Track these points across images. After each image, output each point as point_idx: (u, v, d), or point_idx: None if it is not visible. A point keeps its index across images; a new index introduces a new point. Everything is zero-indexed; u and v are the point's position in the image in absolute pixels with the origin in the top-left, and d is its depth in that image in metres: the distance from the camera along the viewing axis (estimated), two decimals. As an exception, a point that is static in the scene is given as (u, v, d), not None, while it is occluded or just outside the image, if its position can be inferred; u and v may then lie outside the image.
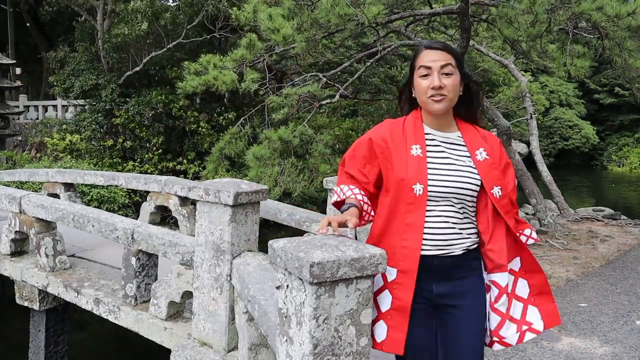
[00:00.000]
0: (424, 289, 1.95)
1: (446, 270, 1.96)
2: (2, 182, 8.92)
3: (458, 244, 1.97)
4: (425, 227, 1.93)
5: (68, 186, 7.90)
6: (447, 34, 10.55)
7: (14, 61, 19.60)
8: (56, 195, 7.74)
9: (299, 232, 4.74)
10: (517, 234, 2.04)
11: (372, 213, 2.06)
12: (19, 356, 6.02)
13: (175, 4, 15.54)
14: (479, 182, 1.97)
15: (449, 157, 1.99)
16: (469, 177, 1.96)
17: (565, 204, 10.41)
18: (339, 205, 2.08)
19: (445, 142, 2.02)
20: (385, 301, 1.96)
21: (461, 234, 1.97)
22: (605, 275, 6.17)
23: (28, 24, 23.08)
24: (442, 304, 1.98)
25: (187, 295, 3.90)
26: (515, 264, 2.03)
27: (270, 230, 10.03)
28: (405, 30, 9.08)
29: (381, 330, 1.96)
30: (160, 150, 14.63)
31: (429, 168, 1.95)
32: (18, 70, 22.05)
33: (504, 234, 1.99)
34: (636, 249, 7.46)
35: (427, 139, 2.01)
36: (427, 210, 1.93)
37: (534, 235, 2.14)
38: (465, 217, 1.99)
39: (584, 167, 32.89)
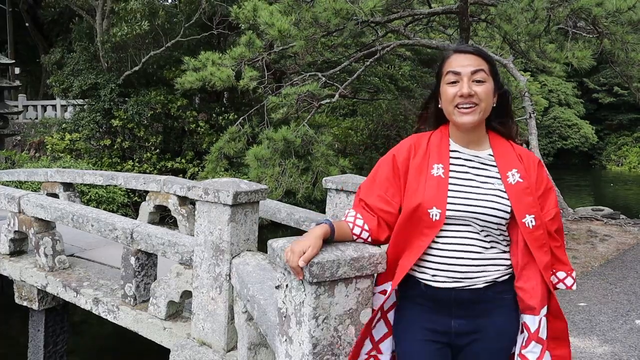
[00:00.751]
0: (441, 326, 1.75)
1: (466, 305, 1.73)
2: (1, 181, 8.91)
3: (479, 276, 1.73)
4: (440, 257, 1.73)
5: (67, 186, 7.89)
6: (446, 33, 10.56)
7: (13, 61, 19.56)
8: (55, 195, 7.73)
9: (298, 232, 4.73)
10: (550, 274, 1.77)
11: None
12: (18, 356, 6.02)
13: (172, 2, 15.54)
14: (508, 209, 1.71)
15: (474, 180, 1.75)
16: (495, 203, 1.71)
17: (565, 204, 10.41)
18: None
19: (471, 161, 1.78)
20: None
21: (484, 265, 1.73)
22: (605, 274, 6.17)
23: (27, 24, 23.05)
24: (462, 344, 1.76)
25: (187, 294, 3.90)
26: (545, 311, 1.75)
27: (269, 229, 10.03)
28: (404, 30, 9.08)
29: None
30: (158, 150, 14.63)
31: (450, 190, 1.73)
32: (17, 70, 22.02)
33: (538, 271, 1.71)
34: (635, 249, 7.46)
35: (452, 157, 1.79)
36: (443, 237, 1.73)
37: (569, 282, 1.83)
38: (492, 247, 1.75)
39: (582, 166, 32.89)
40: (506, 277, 1.76)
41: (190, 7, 14.87)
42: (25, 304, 5.28)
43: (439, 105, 1.82)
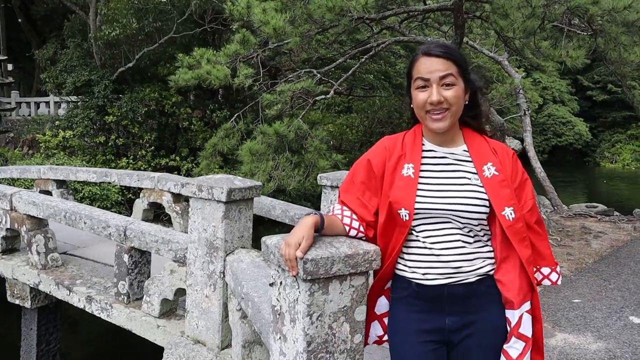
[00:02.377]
0: (435, 324, 1.76)
1: (460, 300, 1.74)
2: (-7, 179, 8.85)
3: (470, 270, 1.74)
4: (428, 255, 1.75)
5: (60, 183, 7.85)
6: (441, 30, 10.55)
7: (6, 57, 19.44)
8: (48, 193, 7.68)
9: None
10: (533, 270, 1.78)
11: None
12: (11, 355, 5.98)
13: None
14: (487, 203, 1.72)
15: (450, 177, 1.76)
16: (473, 198, 1.72)
17: (559, 200, 10.44)
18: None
19: (446, 159, 1.79)
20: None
21: (472, 259, 1.75)
22: (599, 271, 6.19)
23: (20, 20, 22.89)
24: (455, 341, 1.76)
25: (180, 292, 3.87)
26: (528, 306, 1.76)
27: (264, 227, 10.02)
28: (399, 27, 9.06)
29: None
30: (153, 147, 14.56)
31: (424, 190, 1.74)
32: (10, 67, 21.86)
33: (517, 265, 1.73)
34: (629, 245, 7.49)
35: (426, 156, 1.80)
36: (427, 237, 1.75)
37: (554, 277, 1.84)
38: (476, 241, 1.77)
39: (576, 163, 33.02)
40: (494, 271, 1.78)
41: (183, 2, 14.77)
42: (17, 302, 5.25)
43: (412, 105, 1.82)
